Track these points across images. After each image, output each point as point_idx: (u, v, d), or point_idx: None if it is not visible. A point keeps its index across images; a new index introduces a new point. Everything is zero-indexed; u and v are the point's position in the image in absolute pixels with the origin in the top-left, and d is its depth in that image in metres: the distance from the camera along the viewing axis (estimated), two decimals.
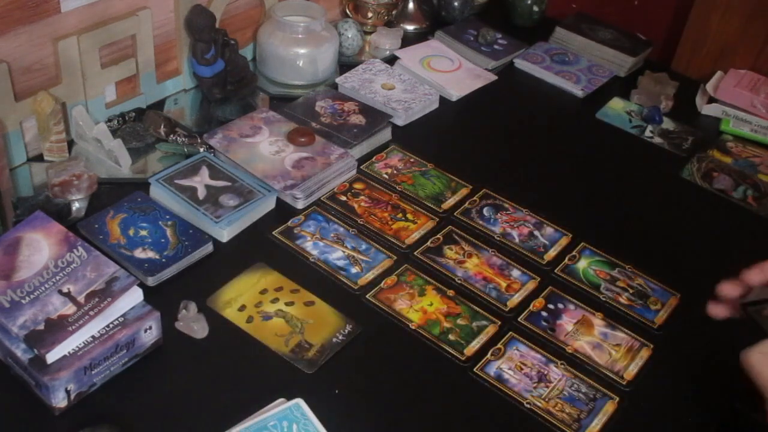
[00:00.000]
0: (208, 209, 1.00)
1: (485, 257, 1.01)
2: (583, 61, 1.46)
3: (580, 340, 0.92)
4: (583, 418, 0.83)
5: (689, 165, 1.24)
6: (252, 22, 1.32)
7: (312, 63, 1.28)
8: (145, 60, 1.16)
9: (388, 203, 1.08)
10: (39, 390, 0.76)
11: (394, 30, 1.45)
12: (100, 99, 1.13)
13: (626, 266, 1.03)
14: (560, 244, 1.05)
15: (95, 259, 0.82)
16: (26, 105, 1.02)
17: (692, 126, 1.34)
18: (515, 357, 0.89)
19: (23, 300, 0.77)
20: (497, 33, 1.49)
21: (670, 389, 0.88)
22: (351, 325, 0.89)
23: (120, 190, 1.03)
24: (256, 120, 1.15)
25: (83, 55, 1.06)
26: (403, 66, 1.37)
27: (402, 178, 1.13)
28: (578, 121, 1.34)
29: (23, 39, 1.00)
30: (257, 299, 0.91)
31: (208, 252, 0.96)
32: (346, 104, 1.23)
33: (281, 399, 0.78)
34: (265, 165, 1.07)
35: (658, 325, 0.95)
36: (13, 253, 0.81)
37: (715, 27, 1.47)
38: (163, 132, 1.10)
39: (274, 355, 0.85)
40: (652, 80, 1.40)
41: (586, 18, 1.56)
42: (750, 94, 1.36)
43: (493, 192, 1.12)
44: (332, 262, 0.98)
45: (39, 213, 0.85)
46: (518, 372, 0.87)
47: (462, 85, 1.36)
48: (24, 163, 1.06)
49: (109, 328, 0.79)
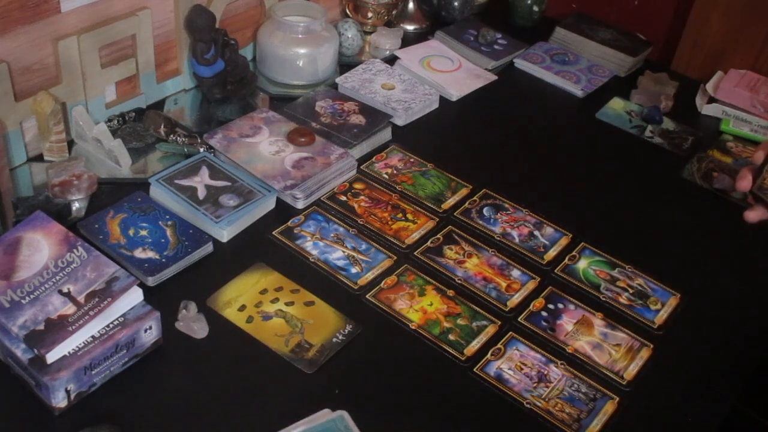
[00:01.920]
0: (208, 209, 1.00)
1: (485, 257, 1.01)
2: (583, 61, 1.46)
3: (580, 340, 0.92)
4: (583, 418, 0.83)
5: (689, 165, 1.24)
6: (252, 22, 1.32)
7: (312, 63, 1.28)
8: (145, 60, 1.16)
9: (388, 203, 1.08)
10: (39, 390, 0.76)
11: (394, 30, 1.45)
12: (100, 99, 1.13)
13: (626, 266, 1.03)
14: (560, 244, 1.05)
15: (95, 259, 0.82)
16: (26, 105, 1.02)
17: (692, 126, 1.34)
18: (515, 357, 0.89)
19: (23, 300, 0.77)
20: (497, 33, 1.49)
21: (670, 389, 0.88)
22: (351, 325, 0.89)
23: (120, 190, 1.03)
24: (256, 120, 1.15)
25: (83, 55, 1.06)
26: (403, 66, 1.37)
27: (402, 178, 1.13)
28: (578, 121, 1.34)
29: (23, 39, 1.00)
30: (257, 299, 0.91)
31: (208, 252, 0.96)
32: (346, 104, 1.23)
33: (326, 410, 0.78)
34: (265, 165, 1.07)
35: (658, 325, 0.95)
36: (13, 253, 0.81)
37: (715, 27, 1.47)
38: (163, 132, 1.10)
39: (274, 355, 0.85)
40: (652, 80, 1.40)
41: (586, 18, 1.56)
42: (750, 94, 1.36)
43: (493, 192, 1.12)
44: (332, 262, 0.98)
45: (39, 213, 0.85)
46: (518, 372, 0.87)
47: (462, 85, 1.36)
48: (24, 163, 1.06)
49: (109, 328, 0.79)
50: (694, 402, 0.87)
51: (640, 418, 0.84)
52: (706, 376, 0.90)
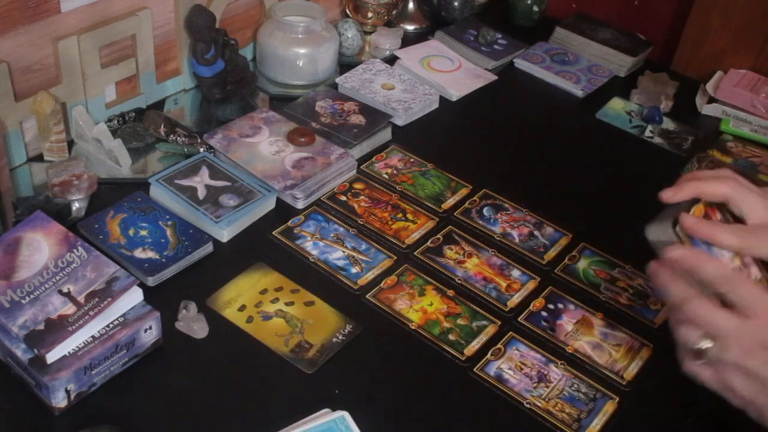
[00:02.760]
0: (208, 209, 1.00)
1: (485, 257, 1.01)
2: (583, 61, 1.46)
3: (580, 340, 0.92)
4: (583, 418, 0.83)
5: (689, 165, 1.24)
6: (252, 22, 1.32)
7: (312, 63, 1.28)
8: (145, 60, 1.16)
9: (388, 203, 1.08)
10: (39, 390, 0.76)
11: (394, 30, 1.45)
12: (100, 99, 1.13)
13: (626, 266, 1.03)
14: (560, 244, 1.05)
15: (95, 259, 0.82)
16: (26, 105, 1.02)
17: (692, 126, 1.34)
18: (515, 357, 0.89)
19: (23, 300, 0.77)
20: (497, 33, 1.49)
21: (670, 389, 0.88)
22: (351, 325, 0.89)
23: (120, 190, 1.03)
24: (256, 120, 1.15)
25: (83, 55, 1.06)
26: (403, 66, 1.37)
27: (402, 178, 1.13)
28: (578, 121, 1.34)
29: (23, 39, 1.00)
30: (257, 299, 0.91)
31: (208, 252, 0.96)
32: (346, 104, 1.23)
33: (326, 410, 0.78)
34: (265, 165, 1.07)
35: (658, 325, 0.95)
36: (13, 253, 0.81)
37: (715, 27, 1.47)
38: (163, 132, 1.10)
39: (274, 355, 0.85)
40: (652, 80, 1.40)
41: (586, 18, 1.56)
42: (750, 94, 1.36)
43: (493, 192, 1.12)
44: (332, 262, 0.98)
45: (39, 213, 0.85)
46: (518, 372, 0.87)
47: (462, 85, 1.36)
48: (24, 163, 1.06)
49: (109, 328, 0.79)
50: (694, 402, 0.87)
51: (640, 418, 0.84)
52: None
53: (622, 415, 0.84)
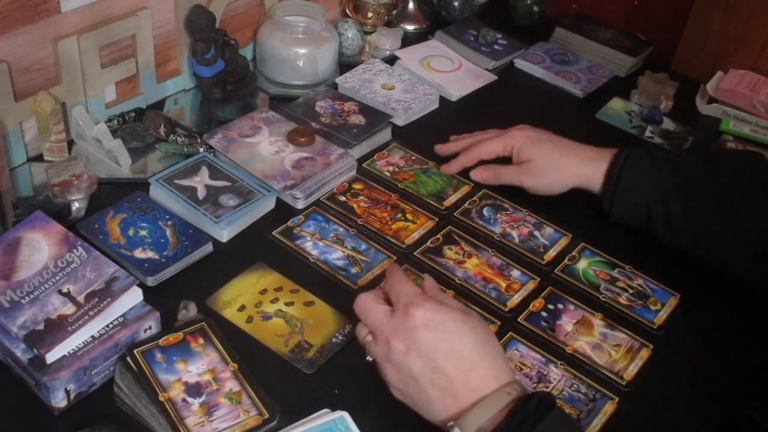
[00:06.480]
0: (208, 209, 1.00)
1: (485, 257, 1.01)
2: (583, 61, 1.46)
3: (580, 340, 0.92)
4: (582, 418, 0.83)
5: None
6: (252, 22, 1.32)
7: (312, 63, 1.28)
8: (145, 60, 1.16)
9: (388, 203, 1.08)
10: (39, 390, 0.76)
11: (394, 30, 1.45)
12: (100, 99, 1.13)
13: (626, 266, 1.03)
14: (560, 244, 1.05)
15: (95, 259, 0.82)
16: (26, 105, 1.02)
17: (692, 126, 1.34)
18: (515, 357, 0.89)
19: (23, 300, 0.77)
20: (497, 33, 1.49)
21: (670, 389, 0.88)
22: (351, 325, 0.89)
23: (120, 190, 1.03)
24: (256, 120, 1.15)
25: (83, 55, 1.06)
26: (403, 66, 1.37)
27: (403, 175, 1.13)
28: (578, 122, 1.34)
29: (23, 39, 1.00)
30: (257, 299, 0.91)
31: (208, 252, 0.96)
32: (346, 104, 1.23)
33: (326, 410, 0.77)
34: (265, 165, 1.07)
35: (658, 325, 0.95)
36: (12, 253, 0.81)
37: (715, 27, 1.47)
38: (163, 132, 1.10)
39: (274, 355, 0.85)
40: (652, 80, 1.40)
41: (586, 18, 1.56)
42: (750, 94, 1.36)
43: (493, 192, 1.12)
44: (332, 262, 0.98)
45: (39, 213, 0.85)
46: (518, 372, 0.87)
47: (462, 85, 1.36)
48: (24, 163, 1.06)
49: (108, 328, 0.79)
50: (694, 402, 0.87)
51: (640, 418, 0.84)
52: (706, 376, 0.90)
53: (622, 416, 0.84)
